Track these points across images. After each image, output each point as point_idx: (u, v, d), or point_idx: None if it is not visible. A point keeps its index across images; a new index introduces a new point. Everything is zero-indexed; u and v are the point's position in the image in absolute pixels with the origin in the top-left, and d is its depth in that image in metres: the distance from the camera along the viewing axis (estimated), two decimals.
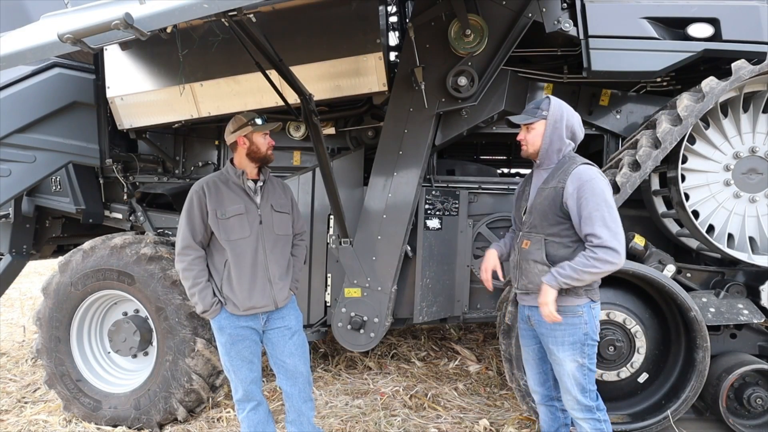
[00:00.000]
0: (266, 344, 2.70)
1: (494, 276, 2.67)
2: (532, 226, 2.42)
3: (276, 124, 2.77)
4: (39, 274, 9.59)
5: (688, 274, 3.30)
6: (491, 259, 2.66)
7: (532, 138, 2.46)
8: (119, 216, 4.31)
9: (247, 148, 2.62)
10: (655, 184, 3.40)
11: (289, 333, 2.69)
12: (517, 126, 2.50)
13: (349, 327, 3.62)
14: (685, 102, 2.91)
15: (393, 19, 4.51)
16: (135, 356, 3.64)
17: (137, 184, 4.21)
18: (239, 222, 2.54)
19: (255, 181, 2.66)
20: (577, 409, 2.41)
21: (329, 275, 3.85)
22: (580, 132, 2.46)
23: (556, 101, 2.42)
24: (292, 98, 3.16)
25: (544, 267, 2.35)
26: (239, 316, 2.55)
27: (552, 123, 2.39)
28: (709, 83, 2.91)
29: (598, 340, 2.41)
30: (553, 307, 2.25)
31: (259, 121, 2.63)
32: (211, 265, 2.58)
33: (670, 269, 3.21)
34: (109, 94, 3.68)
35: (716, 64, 3.34)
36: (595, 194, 2.22)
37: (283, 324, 2.68)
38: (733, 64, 2.91)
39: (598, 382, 2.99)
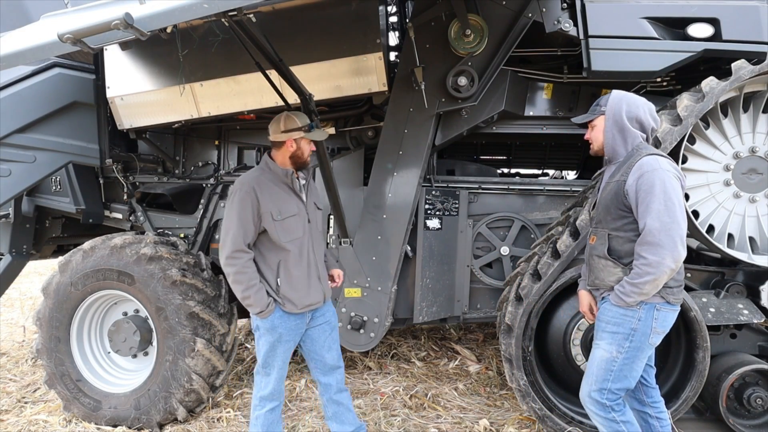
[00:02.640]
0: (305, 341, 2.74)
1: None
2: (598, 222, 2.39)
3: (326, 133, 2.80)
4: (39, 274, 9.58)
5: (688, 274, 3.30)
6: (585, 301, 2.53)
7: (595, 135, 2.43)
8: (119, 216, 4.31)
9: (293, 152, 2.61)
10: None
11: (329, 328, 2.77)
12: (584, 126, 2.50)
13: (349, 327, 3.62)
14: (685, 102, 2.90)
15: (393, 19, 4.51)
16: (135, 356, 3.64)
17: (137, 184, 4.22)
18: (294, 222, 2.57)
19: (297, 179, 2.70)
20: (589, 401, 2.31)
21: None
22: (650, 120, 2.33)
23: (615, 94, 2.36)
24: (292, 98, 3.17)
25: (607, 262, 2.29)
26: (291, 314, 2.57)
27: (611, 116, 2.33)
28: (709, 83, 2.91)
29: (649, 347, 2.25)
30: None
31: (311, 128, 2.63)
32: (262, 265, 2.56)
33: None
34: (109, 94, 3.68)
35: (716, 64, 3.33)
36: (653, 185, 2.11)
37: (324, 320, 2.75)
38: (733, 64, 2.91)
39: None
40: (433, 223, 3.74)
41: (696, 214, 3.05)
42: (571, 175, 5.12)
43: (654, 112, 2.35)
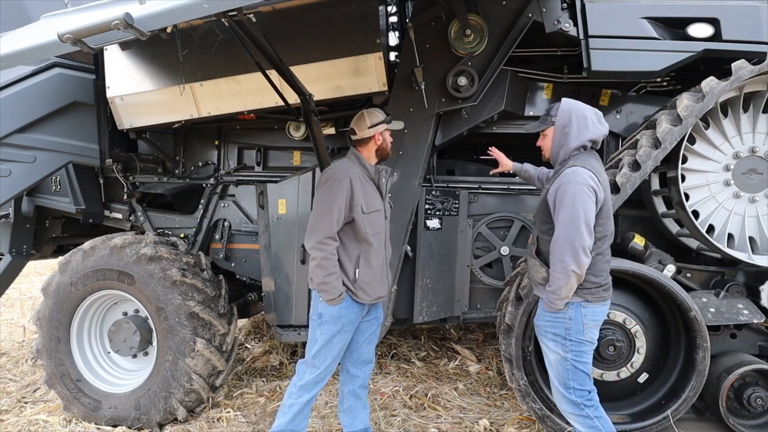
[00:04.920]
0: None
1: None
2: (534, 223, 2.61)
3: (402, 123, 3.04)
4: (39, 274, 9.58)
5: (688, 274, 3.30)
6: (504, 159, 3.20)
7: (546, 144, 2.55)
8: (119, 216, 4.31)
9: (379, 145, 2.73)
10: (655, 184, 3.40)
11: (377, 324, 2.87)
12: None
13: None
14: (685, 102, 2.90)
15: (393, 19, 4.51)
16: (135, 356, 3.64)
17: (137, 184, 4.21)
18: (377, 217, 2.67)
19: None
20: (563, 401, 2.46)
21: None
22: (590, 131, 2.41)
23: (565, 105, 2.45)
24: (292, 98, 3.17)
25: (535, 261, 2.50)
26: (357, 305, 2.63)
27: (560, 128, 2.44)
28: (709, 83, 2.91)
29: (589, 341, 2.40)
30: None
31: (389, 121, 2.77)
32: (344, 255, 2.62)
33: (670, 269, 3.21)
34: (109, 94, 3.68)
35: (716, 64, 3.33)
36: (565, 198, 2.27)
37: (375, 315, 2.83)
38: (733, 64, 2.91)
39: (597, 382, 3.00)
40: (433, 223, 3.74)
41: (696, 214, 3.05)
42: None
43: (601, 118, 2.45)
